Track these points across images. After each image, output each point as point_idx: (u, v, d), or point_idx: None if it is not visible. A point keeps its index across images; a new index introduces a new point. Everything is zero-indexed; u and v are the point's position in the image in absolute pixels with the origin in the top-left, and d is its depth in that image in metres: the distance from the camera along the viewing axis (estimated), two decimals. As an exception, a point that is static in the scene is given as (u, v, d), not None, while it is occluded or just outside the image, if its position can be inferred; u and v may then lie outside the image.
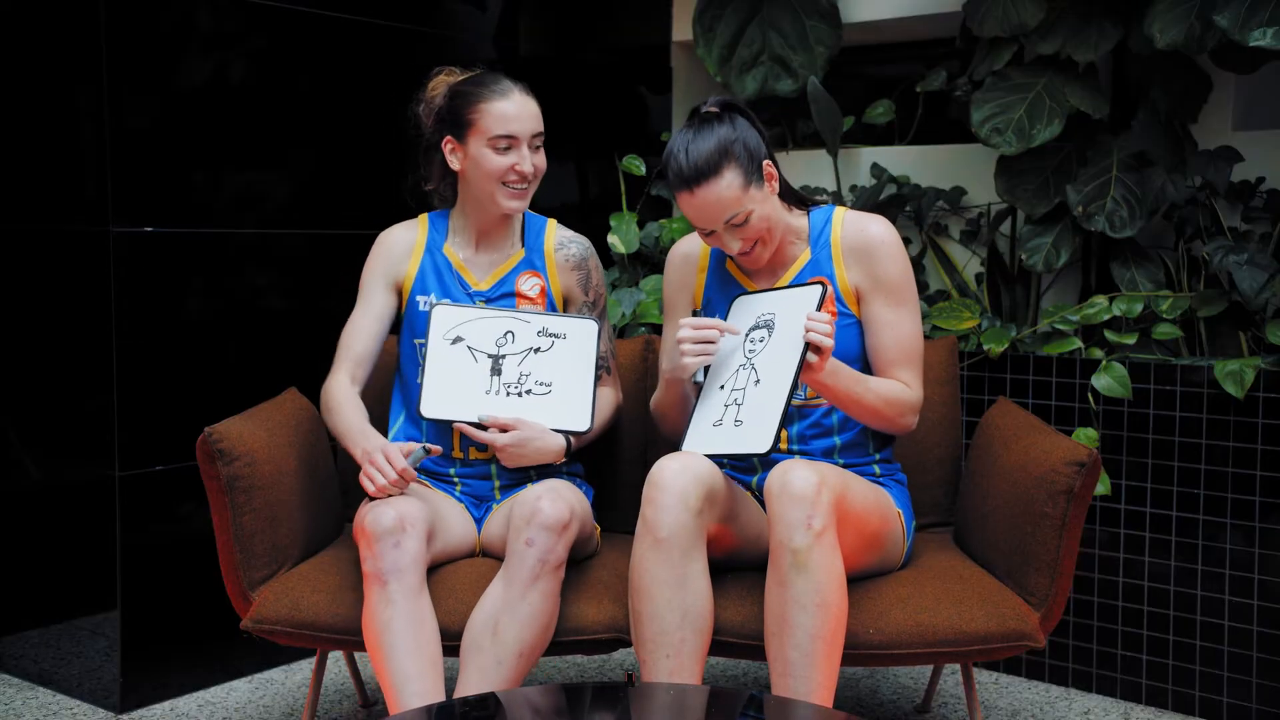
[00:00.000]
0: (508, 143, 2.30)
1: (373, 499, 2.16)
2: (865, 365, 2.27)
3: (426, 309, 2.36)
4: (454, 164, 2.36)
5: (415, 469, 2.19)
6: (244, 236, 2.92)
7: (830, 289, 2.23)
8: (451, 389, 2.29)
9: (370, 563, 2.07)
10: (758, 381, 2.13)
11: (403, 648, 2.03)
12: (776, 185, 2.21)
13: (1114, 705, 2.79)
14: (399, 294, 2.42)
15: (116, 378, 2.69)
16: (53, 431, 2.87)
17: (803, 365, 2.05)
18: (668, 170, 2.17)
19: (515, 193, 2.33)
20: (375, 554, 2.06)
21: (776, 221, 2.22)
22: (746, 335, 2.19)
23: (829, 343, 2.05)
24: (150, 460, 2.76)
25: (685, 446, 2.17)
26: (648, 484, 2.06)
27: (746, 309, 2.23)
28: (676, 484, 2.03)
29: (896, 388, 2.21)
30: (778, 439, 2.05)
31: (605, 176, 3.71)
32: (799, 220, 2.30)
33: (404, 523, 2.07)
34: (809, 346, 2.05)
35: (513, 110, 2.30)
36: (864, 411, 2.19)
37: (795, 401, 2.26)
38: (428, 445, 2.23)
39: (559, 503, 2.10)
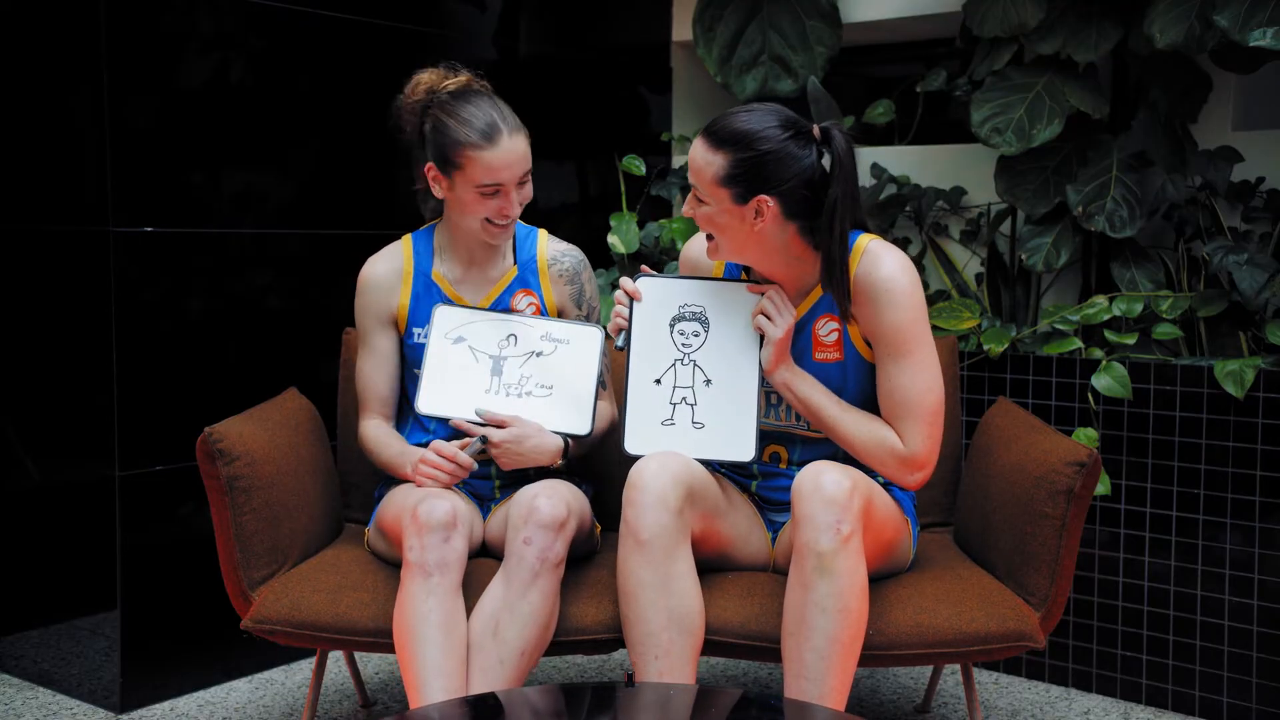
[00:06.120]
0: (496, 189, 2.24)
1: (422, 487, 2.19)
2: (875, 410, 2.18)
3: (424, 340, 2.33)
4: (436, 192, 2.30)
5: (479, 449, 2.21)
6: (244, 236, 2.92)
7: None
8: (450, 386, 2.28)
9: (416, 553, 2.06)
10: (708, 381, 2.13)
11: (436, 642, 2.03)
12: (756, 223, 2.08)
13: (1114, 705, 2.79)
14: (397, 327, 2.38)
15: (116, 378, 2.69)
16: (53, 431, 2.87)
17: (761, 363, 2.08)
18: None
19: (499, 229, 2.29)
20: (424, 545, 2.05)
21: (733, 239, 2.12)
22: (672, 326, 2.17)
23: (775, 331, 2.06)
24: (150, 460, 2.76)
25: (629, 448, 2.15)
26: (627, 486, 2.05)
27: (665, 294, 2.18)
28: (655, 485, 2.02)
29: (882, 431, 2.12)
30: (760, 446, 2.06)
31: (605, 176, 3.71)
32: (813, 255, 2.16)
33: (456, 519, 2.08)
34: (763, 338, 2.07)
35: (501, 160, 2.22)
36: (837, 438, 2.14)
37: (799, 431, 2.24)
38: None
39: (555, 500, 2.10)
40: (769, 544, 2.28)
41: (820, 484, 1.97)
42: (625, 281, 2.21)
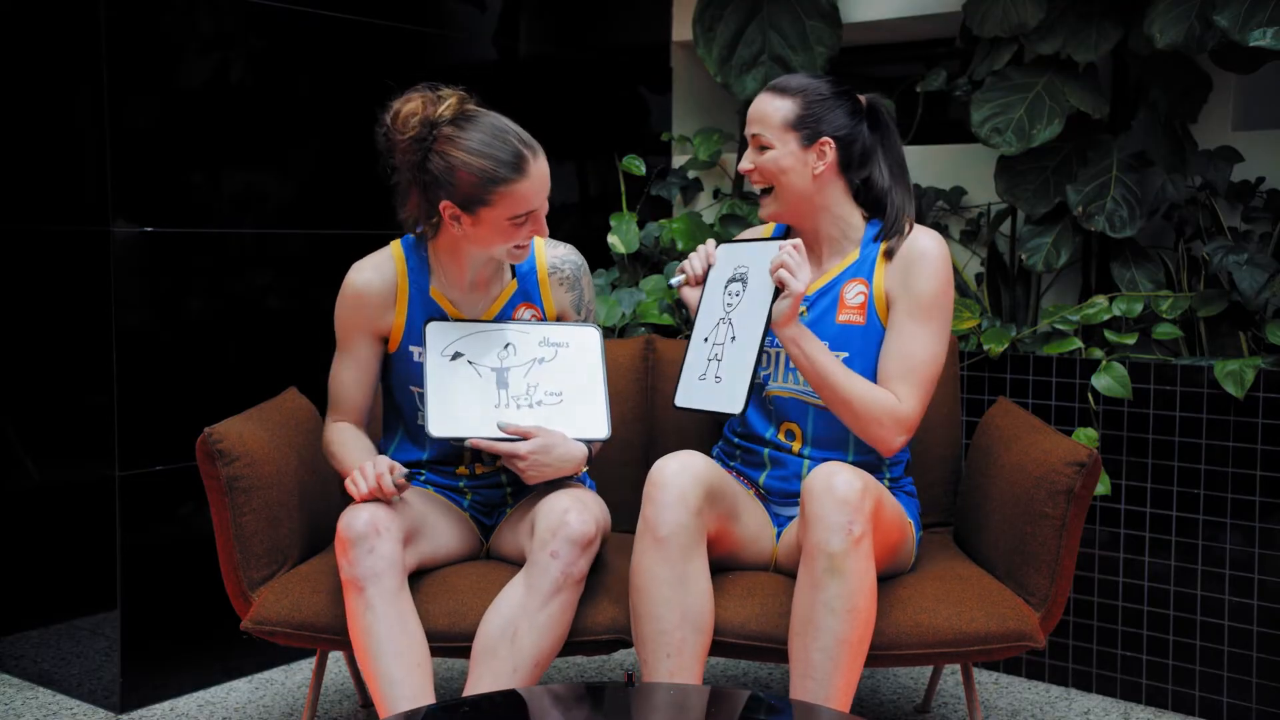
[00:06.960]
0: (528, 216, 2.15)
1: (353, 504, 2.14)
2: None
3: (422, 360, 2.25)
4: (454, 230, 2.17)
5: (403, 480, 2.12)
6: (244, 236, 2.92)
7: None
8: (458, 405, 2.21)
9: (346, 569, 2.05)
10: (733, 338, 2.15)
11: (387, 652, 2.02)
12: (817, 166, 2.21)
13: (1114, 705, 2.79)
14: (384, 341, 2.30)
15: (116, 378, 2.69)
16: (53, 431, 2.87)
17: (771, 317, 2.09)
18: None
19: (523, 251, 2.21)
20: (350, 560, 2.04)
21: (792, 185, 2.22)
22: (726, 288, 2.21)
23: (797, 285, 2.06)
24: (150, 460, 2.76)
25: (676, 402, 2.21)
26: (648, 483, 2.06)
27: (728, 258, 2.25)
28: (676, 483, 2.03)
29: (881, 392, 2.16)
30: (749, 400, 2.07)
31: (605, 176, 3.71)
32: (856, 219, 2.27)
33: (376, 527, 2.05)
34: (776, 292, 2.08)
35: (533, 188, 2.12)
36: (834, 398, 2.14)
37: (813, 400, 2.24)
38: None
39: (586, 517, 2.08)
40: (774, 544, 2.28)
41: (832, 485, 1.98)
42: (710, 243, 2.28)
